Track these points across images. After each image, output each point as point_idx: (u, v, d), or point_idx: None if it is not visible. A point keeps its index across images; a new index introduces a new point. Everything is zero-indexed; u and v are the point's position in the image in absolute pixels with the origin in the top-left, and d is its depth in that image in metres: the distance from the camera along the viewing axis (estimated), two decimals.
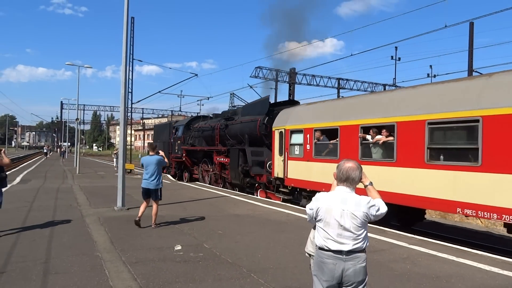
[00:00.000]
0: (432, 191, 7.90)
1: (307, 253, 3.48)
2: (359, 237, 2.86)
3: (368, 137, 9.46)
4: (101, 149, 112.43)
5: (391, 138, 8.87)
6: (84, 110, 60.41)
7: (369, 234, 3.09)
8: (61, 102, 62.72)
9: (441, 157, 7.96)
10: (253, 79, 33.06)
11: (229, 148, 16.49)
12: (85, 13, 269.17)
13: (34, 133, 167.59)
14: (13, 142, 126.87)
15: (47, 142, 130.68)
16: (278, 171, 12.91)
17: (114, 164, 29.95)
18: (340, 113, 10.65)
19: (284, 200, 12.87)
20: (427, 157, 7.99)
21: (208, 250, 6.48)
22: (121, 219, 9.05)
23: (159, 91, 35.12)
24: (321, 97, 38.00)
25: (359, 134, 9.57)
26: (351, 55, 44.24)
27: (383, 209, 2.95)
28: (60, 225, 8.31)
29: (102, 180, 19.81)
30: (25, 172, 24.52)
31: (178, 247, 6.56)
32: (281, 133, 12.79)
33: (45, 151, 54.58)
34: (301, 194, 12.09)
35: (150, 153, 8.66)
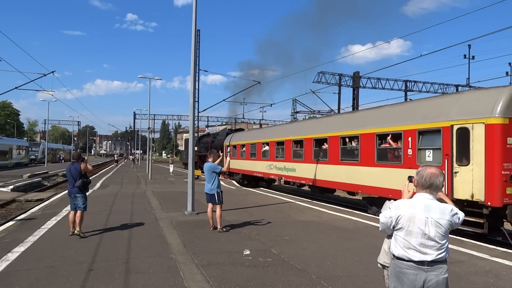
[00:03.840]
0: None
1: (381, 264, 3.37)
2: (443, 247, 2.74)
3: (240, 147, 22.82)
4: (169, 156, 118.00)
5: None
6: (154, 119, 64.00)
7: None
8: (134, 112, 67.22)
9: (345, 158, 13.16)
10: (316, 84, 32.88)
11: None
12: (154, 28, 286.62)
13: (110, 141, 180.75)
14: (92, 150, 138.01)
15: (121, 150, 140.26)
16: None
17: (170, 170, 33.09)
18: (241, 139, 24.13)
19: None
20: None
21: (276, 255, 6.54)
22: (191, 223, 9.45)
23: (224, 100, 36.21)
24: (386, 100, 36.74)
25: (242, 147, 23.10)
26: (420, 55, 41.78)
27: (462, 216, 2.84)
28: (136, 227, 8.89)
29: (172, 186, 20.81)
30: (104, 178, 26.55)
31: (247, 252, 6.70)
32: (226, 146, 25.94)
33: (115, 158, 58.00)
34: (233, 174, 24.43)
35: (207, 160, 9.02)
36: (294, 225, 9.41)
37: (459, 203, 8.34)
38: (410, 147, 10.07)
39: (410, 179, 3.14)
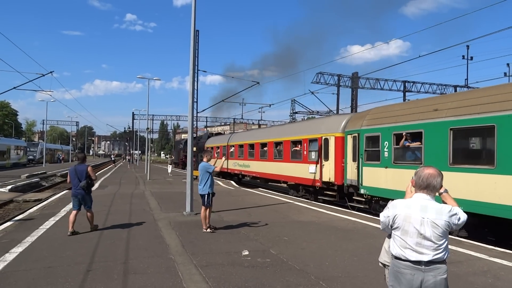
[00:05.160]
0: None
1: (381, 263, 3.37)
2: (440, 247, 2.73)
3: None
4: (168, 157, 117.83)
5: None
6: (153, 120, 63.99)
7: None
8: (133, 113, 66.89)
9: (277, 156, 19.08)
10: (314, 85, 32.87)
11: (196, 154, 27.57)
12: (153, 28, 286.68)
13: (108, 142, 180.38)
14: (91, 151, 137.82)
15: (119, 150, 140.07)
16: None
17: (169, 170, 33.36)
18: (217, 142, 30.38)
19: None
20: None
21: (275, 256, 6.54)
22: (190, 224, 9.44)
23: (223, 100, 36.18)
24: (386, 101, 36.90)
25: (217, 148, 28.99)
26: (419, 56, 41.46)
27: (464, 217, 2.80)
28: (135, 228, 8.87)
29: (171, 186, 20.78)
30: (102, 178, 26.49)
31: (246, 252, 6.70)
32: (206, 147, 29.77)
33: (113, 159, 58.11)
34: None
35: (203, 160, 8.98)
36: (292, 226, 9.41)
37: (325, 184, 14.40)
38: (305, 149, 15.94)
39: None
